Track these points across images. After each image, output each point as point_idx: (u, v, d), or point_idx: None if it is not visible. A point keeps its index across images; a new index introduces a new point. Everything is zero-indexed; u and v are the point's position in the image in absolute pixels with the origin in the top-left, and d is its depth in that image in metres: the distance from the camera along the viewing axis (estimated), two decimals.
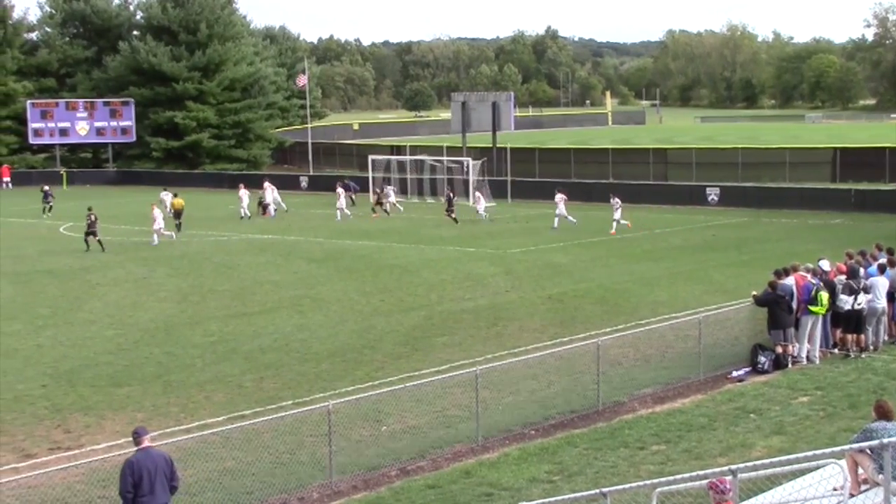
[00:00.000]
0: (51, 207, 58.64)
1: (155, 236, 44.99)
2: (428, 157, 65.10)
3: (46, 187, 60.32)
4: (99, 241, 42.80)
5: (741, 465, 11.03)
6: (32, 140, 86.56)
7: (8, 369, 23.41)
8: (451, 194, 52.97)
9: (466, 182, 58.90)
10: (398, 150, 74.82)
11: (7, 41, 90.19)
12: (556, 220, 47.16)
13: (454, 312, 28.71)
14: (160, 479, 12.80)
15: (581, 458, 16.52)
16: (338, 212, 53.62)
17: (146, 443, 12.98)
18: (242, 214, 54.91)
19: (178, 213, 49.99)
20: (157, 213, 46.00)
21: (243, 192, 55.68)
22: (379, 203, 55.74)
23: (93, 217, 43.20)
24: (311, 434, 16.69)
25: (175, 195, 52.14)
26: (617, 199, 46.22)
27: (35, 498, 14.86)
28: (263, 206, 56.52)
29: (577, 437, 17.66)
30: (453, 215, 50.62)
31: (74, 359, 24.30)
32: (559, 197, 47.93)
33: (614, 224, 45.47)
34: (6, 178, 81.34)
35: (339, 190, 55.28)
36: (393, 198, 56.78)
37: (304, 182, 74.25)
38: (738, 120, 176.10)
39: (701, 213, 53.75)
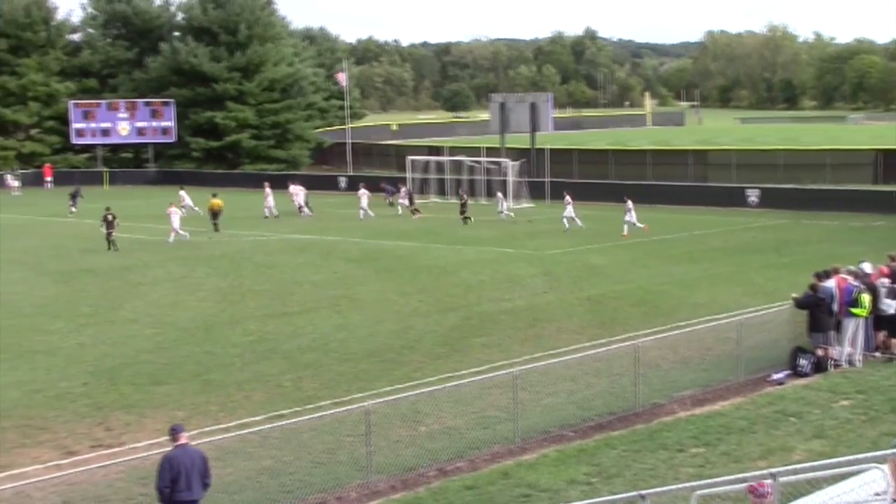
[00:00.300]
0: (72, 206, 59.98)
1: (184, 233, 45.51)
2: (466, 158, 65.09)
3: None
4: (112, 240, 43.28)
5: (781, 469, 10.95)
6: (75, 140, 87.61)
7: (50, 367, 23.68)
8: (465, 196, 53.16)
9: (505, 183, 58.90)
10: (436, 150, 74.83)
11: (50, 42, 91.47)
12: (577, 220, 47.13)
13: (492, 313, 28.70)
14: (196, 475, 13.09)
15: (619, 461, 16.46)
16: (362, 210, 53.91)
17: (183, 439, 13.18)
18: (267, 214, 55.27)
19: (215, 214, 50.27)
20: (174, 210, 46.42)
21: (269, 192, 56.02)
22: (412, 202, 55.88)
23: (110, 217, 43.57)
24: (349, 434, 16.74)
25: (214, 195, 52.32)
26: (630, 202, 46.00)
27: (76, 495, 15.04)
28: (298, 206, 56.86)
29: (615, 439, 17.60)
30: (466, 214, 50.84)
31: (115, 357, 24.52)
32: (568, 199, 47.98)
33: (638, 226, 45.18)
34: (48, 178, 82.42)
35: (362, 191, 55.47)
36: (403, 200, 56.84)
37: (342, 182, 74.50)
38: (779, 121, 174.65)
39: (741, 214, 53.40)
